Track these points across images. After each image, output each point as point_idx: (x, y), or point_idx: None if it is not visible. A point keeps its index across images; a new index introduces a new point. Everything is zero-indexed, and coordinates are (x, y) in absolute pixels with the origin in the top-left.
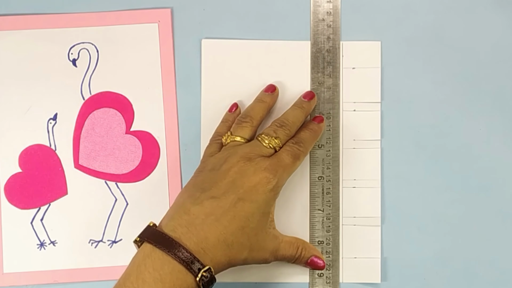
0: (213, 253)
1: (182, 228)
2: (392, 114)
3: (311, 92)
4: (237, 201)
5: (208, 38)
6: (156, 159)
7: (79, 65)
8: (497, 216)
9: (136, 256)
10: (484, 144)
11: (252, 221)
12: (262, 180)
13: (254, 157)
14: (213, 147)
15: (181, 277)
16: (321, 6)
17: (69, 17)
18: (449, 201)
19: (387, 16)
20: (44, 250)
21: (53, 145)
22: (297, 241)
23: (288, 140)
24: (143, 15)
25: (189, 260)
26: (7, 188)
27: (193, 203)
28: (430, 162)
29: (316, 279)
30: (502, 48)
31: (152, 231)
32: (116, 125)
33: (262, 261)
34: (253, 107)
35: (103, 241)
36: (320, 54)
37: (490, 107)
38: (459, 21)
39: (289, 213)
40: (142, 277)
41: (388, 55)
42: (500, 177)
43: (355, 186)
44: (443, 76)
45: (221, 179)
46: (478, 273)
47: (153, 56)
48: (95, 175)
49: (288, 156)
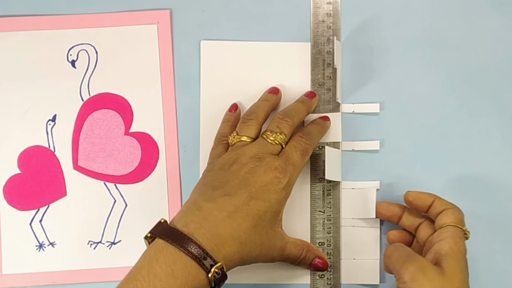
0: (226, 250)
1: (194, 224)
2: (391, 115)
3: (312, 92)
4: (250, 199)
5: (207, 39)
6: (155, 160)
7: (78, 66)
8: (496, 216)
9: (147, 251)
10: (484, 145)
11: (264, 219)
12: (273, 180)
13: (264, 157)
14: (220, 148)
15: (193, 273)
16: (321, 8)
17: (68, 18)
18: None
19: (387, 17)
20: (43, 251)
21: (52, 146)
22: (302, 242)
23: (294, 133)
24: (142, 17)
25: (201, 256)
26: (6, 189)
27: (205, 200)
28: (429, 163)
29: (317, 280)
30: (501, 49)
31: (164, 226)
32: (115, 127)
33: (269, 259)
34: (257, 105)
35: (102, 242)
36: (320, 56)
37: (489, 108)
38: (459, 22)
39: (290, 214)
40: (154, 271)
41: (387, 56)
42: (499, 178)
43: (353, 188)
44: (443, 77)
45: (232, 178)
46: (478, 273)
47: (152, 58)
48: (94, 177)
49: (297, 152)
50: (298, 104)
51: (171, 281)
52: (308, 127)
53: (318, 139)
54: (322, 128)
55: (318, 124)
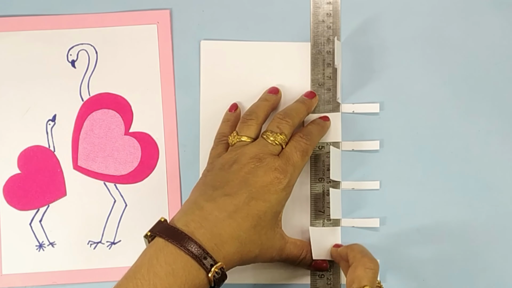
0: (226, 250)
1: (195, 223)
2: (391, 116)
3: (312, 92)
4: (250, 199)
5: (207, 39)
6: (155, 160)
7: (78, 66)
8: (496, 217)
9: (147, 250)
10: (483, 145)
11: (264, 219)
12: (274, 180)
13: (264, 157)
14: (220, 148)
15: (193, 272)
16: (321, 8)
17: (68, 18)
18: (449, 203)
19: (387, 17)
20: (43, 251)
21: (52, 146)
22: (302, 243)
23: (295, 133)
24: (142, 16)
25: (201, 256)
26: (6, 189)
27: (206, 200)
28: (429, 164)
29: (317, 280)
30: (501, 49)
31: (164, 225)
32: (115, 126)
33: (268, 259)
34: (257, 105)
35: (102, 242)
36: (320, 56)
37: (489, 109)
38: (458, 22)
39: (290, 214)
40: (154, 270)
41: (387, 56)
42: (499, 178)
43: (353, 188)
44: (443, 77)
45: (232, 178)
46: (478, 274)
47: (152, 57)
48: (94, 176)
49: (297, 153)
50: (298, 104)
51: (171, 280)
52: (308, 127)
53: (318, 139)
54: (322, 128)
55: (318, 124)
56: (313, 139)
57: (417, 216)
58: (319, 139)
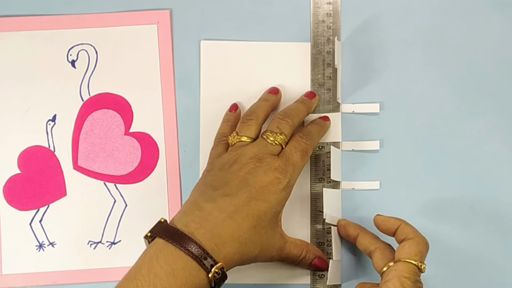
0: (226, 250)
1: (195, 224)
2: (391, 116)
3: (312, 92)
4: (250, 199)
5: (207, 39)
6: (155, 160)
7: (78, 66)
8: (496, 217)
9: (147, 251)
10: (484, 145)
11: (264, 219)
12: (273, 180)
13: (264, 157)
14: (220, 148)
15: (193, 272)
16: (321, 8)
17: (68, 18)
18: (449, 203)
19: (387, 17)
20: (43, 251)
21: (52, 146)
22: (301, 242)
23: (295, 133)
24: (142, 16)
25: (202, 256)
26: (6, 189)
27: (206, 200)
28: (429, 164)
29: (317, 280)
30: (501, 49)
31: (164, 226)
32: (115, 127)
33: (268, 259)
34: (257, 105)
35: (102, 242)
36: (320, 56)
37: (489, 109)
38: (458, 22)
39: (290, 214)
40: (154, 270)
41: (387, 56)
42: (499, 178)
43: (353, 188)
44: (442, 77)
45: (232, 178)
46: (478, 274)
47: (152, 58)
48: (94, 177)
49: (297, 153)
50: (298, 104)
51: (171, 281)
52: (308, 127)
53: (318, 139)
54: (322, 128)
55: (318, 124)
56: (313, 139)
57: (416, 216)
58: (319, 139)
